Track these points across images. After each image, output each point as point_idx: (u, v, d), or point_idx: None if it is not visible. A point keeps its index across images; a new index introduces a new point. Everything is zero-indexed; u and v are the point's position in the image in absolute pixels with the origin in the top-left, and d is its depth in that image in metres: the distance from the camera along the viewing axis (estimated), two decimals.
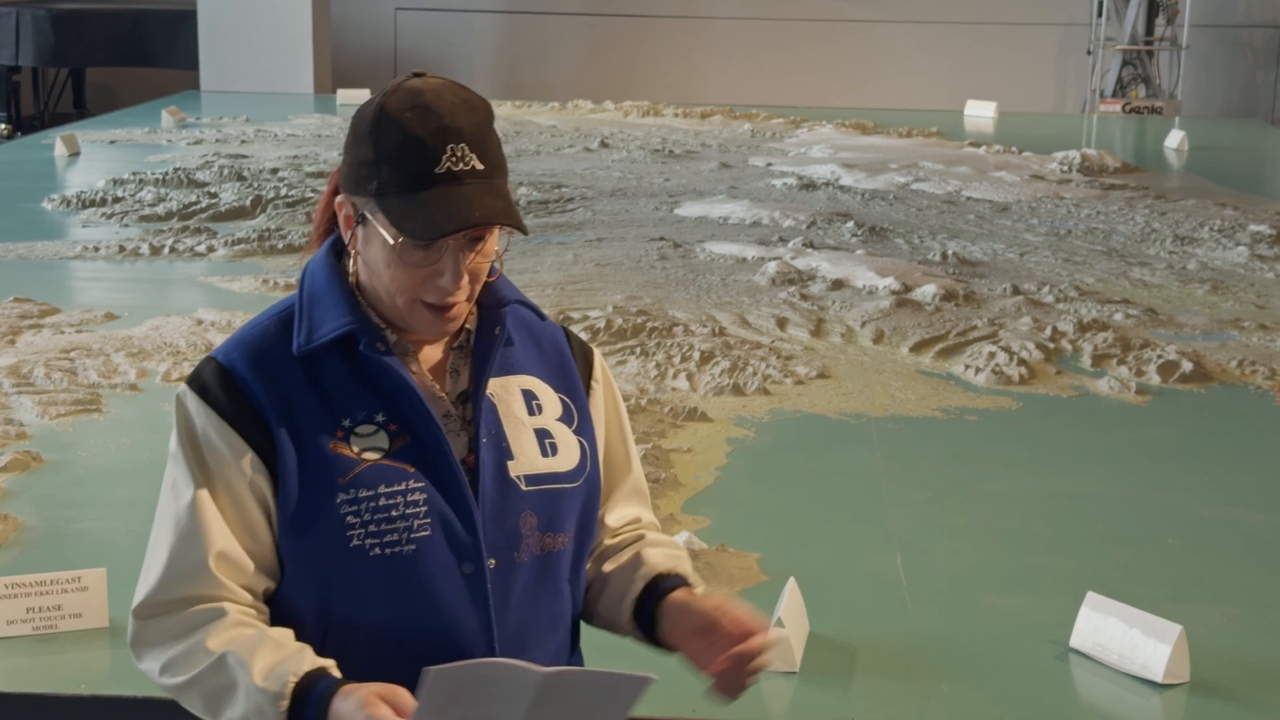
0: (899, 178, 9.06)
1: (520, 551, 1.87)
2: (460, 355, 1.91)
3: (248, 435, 1.80)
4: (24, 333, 5.21)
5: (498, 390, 1.90)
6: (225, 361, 1.84)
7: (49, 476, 3.91)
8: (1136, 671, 2.91)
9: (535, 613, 1.89)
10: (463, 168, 1.78)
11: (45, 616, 2.99)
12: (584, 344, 2.05)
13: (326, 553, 1.79)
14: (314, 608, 1.82)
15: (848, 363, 5.15)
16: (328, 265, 1.90)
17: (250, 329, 1.89)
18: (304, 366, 1.84)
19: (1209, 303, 6.12)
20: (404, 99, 1.80)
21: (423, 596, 1.81)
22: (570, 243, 7.01)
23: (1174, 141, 10.89)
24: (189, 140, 10.13)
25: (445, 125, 1.78)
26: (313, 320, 1.85)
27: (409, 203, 1.77)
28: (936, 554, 3.55)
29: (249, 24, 13.31)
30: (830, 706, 2.80)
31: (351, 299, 1.86)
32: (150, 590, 1.81)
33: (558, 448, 1.92)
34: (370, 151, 1.80)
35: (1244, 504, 3.94)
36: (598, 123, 11.83)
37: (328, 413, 1.82)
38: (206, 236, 6.91)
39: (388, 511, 1.79)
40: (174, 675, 1.78)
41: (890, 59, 15.26)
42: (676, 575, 1.96)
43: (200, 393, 1.83)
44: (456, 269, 1.80)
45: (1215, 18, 14.99)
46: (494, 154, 1.81)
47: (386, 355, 1.83)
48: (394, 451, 1.82)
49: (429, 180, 1.77)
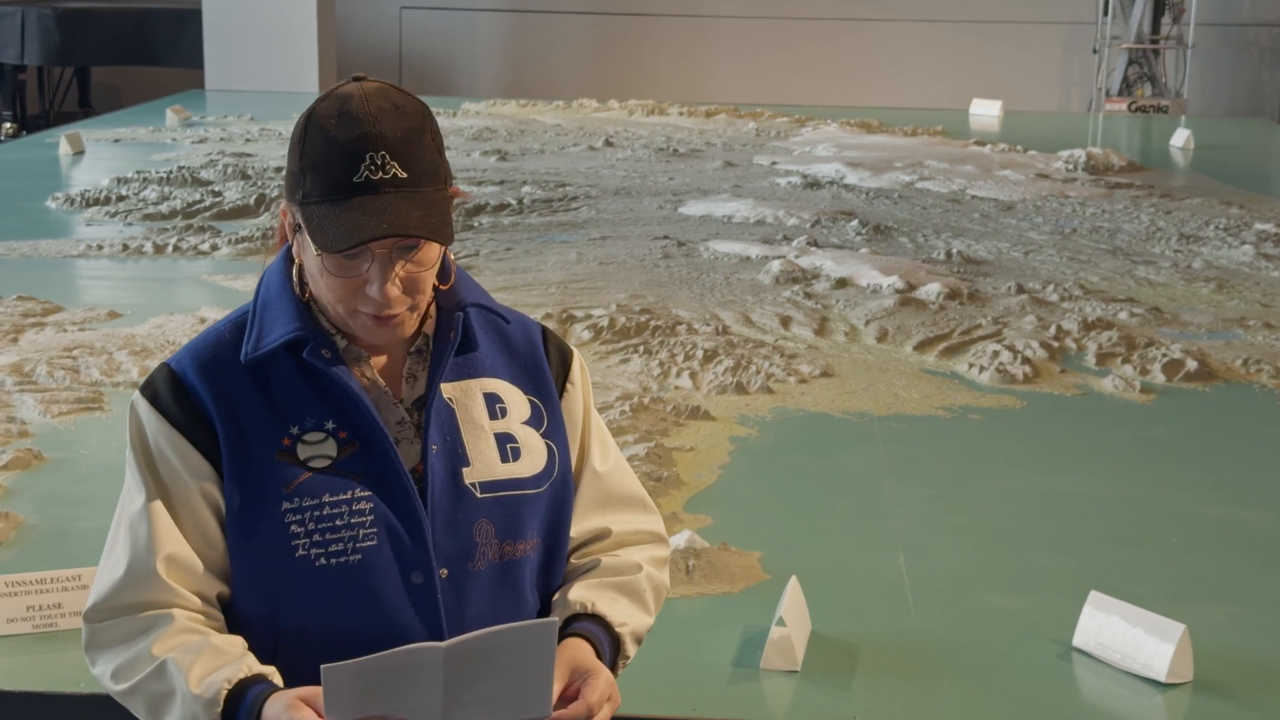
0: (904, 176, 9.05)
1: (475, 560, 1.84)
2: (418, 360, 1.89)
3: (198, 442, 1.80)
4: (27, 331, 5.21)
5: (457, 395, 1.88)
6: (177, 368, 1.84)
7: (50, 475, 3.91)
8: (1139, 671, 2.90)
9: (494, 620, 1.83)
10: (381, 176, 1.75)
11: (45, 614, 2.98)
12: (562, 344, 2.01)
13: (272, 562, 1.79)
14: (264, 616, 1.82)
15: (851, 361, 5.14)
16: (282, 271, 1.89)
17: (206, 335, 1.89)
18: (253, 373, 1.83)
19: (1214, 301, 6.11)
20: (332, 106, 1.78)
21: (370, 607, 1.80)
22: (574, 241, 7.00)
23: (1179, 140, 10.87)
24: (193, 139, 10.14)
25: (366, 133, 1.75)
26: (263, 326, 1.84)
27: (327, 212, 1.76)
28: (939, 553, 3.54)
29: (254, 23, 13.31)
30: (832, 705, 2.79)
31: (301, 305, 1.84)
32: (101, 595, 1.82)
33: (520, 452, 1.89)
34: (298, 159, 1.79)
35: (1248, 503, 3.93)
36: (602, 121, 11.82)
37: (275, 420, 1.81)
38: (210, 235, 6.91)
39: (332, 521, 1.78)
40: (119, 681, 1.79)
41: (895, 58, 15.25)
42: (585, 619, 1.89)
43: (152, 400, 1.83)
44: (383, 279, 1.77)
45: (1221, 16, 14.97)
46: (422, 161, 1.78)
47: (333, 363, 1.81)
48: (342, 460, 1.80)
49: (347, 189, 1.75)
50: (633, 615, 1.93)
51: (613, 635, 1.90)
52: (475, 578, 1.84)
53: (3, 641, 2.95)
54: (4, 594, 2.97)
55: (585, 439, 2.00)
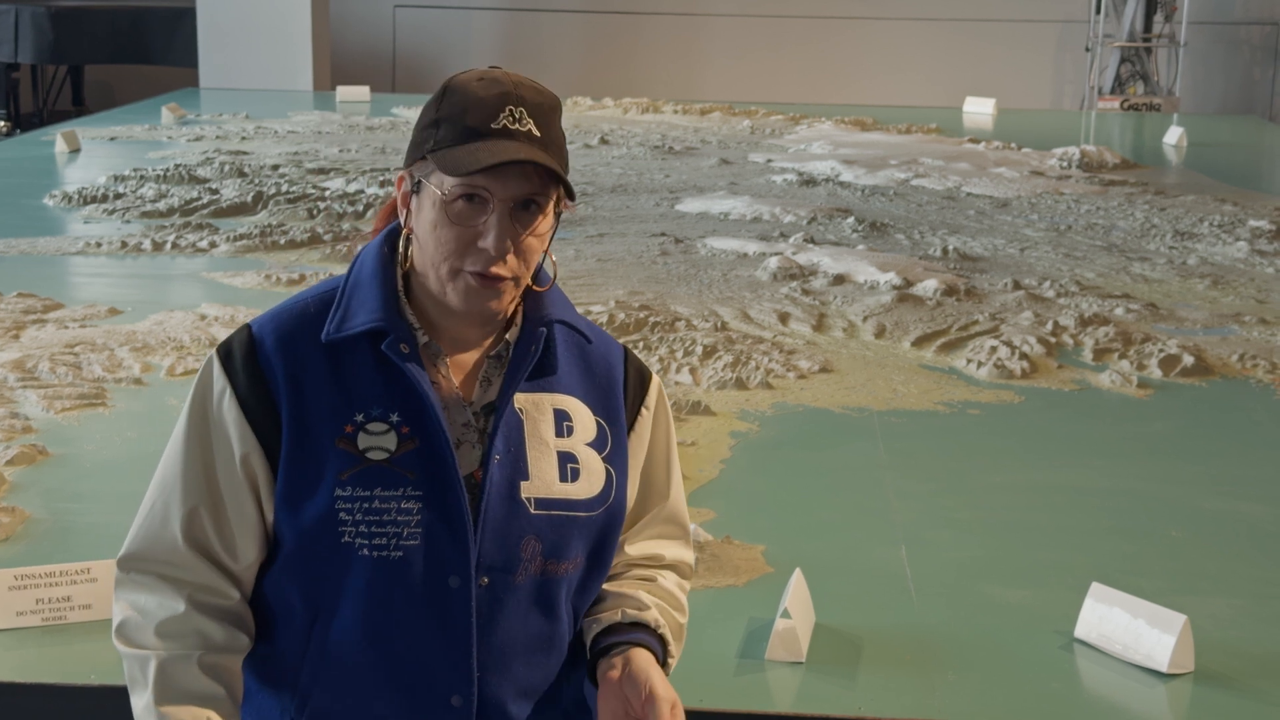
0: (899, 174, 9.07)
1: (517, 574, 1.83)
2: (495, 365, 1.87)
3: (255, 417, 1.81)
4: (28, 327, 5.21)
5: (528, 406, 1.86)
6: (258, 334, 1.84)
7: (55, 470, 3.92)
8: (1141, 661, 2.92)
9: (525, 634, 1.86)
10: (518, 127, 1.76)
11: (55, 607, 3.00)
12: (642, 367, 1.99)
13: (319, 542, 1.80)
14: (303, 596, 1.83)
15: (850, 357, 5.16)
16: (379, 254, 1.88)
17: (292, 304, 1.88)
18: (330, 353, 1.82)
19: (1209, 298, 6.14)
20: (474, 74, 1.82)
21: (404, 603, 1.80)
22: (572, 238, 7.01)
23: (1173, 138, 10.90)
24: (189, 137, 10.14)
25: (507, 91, 1.78)
26: (349, 309, 1.84)
27: (460, 150, 1.76)
28: (941, 546, 3.56)
29: (248, 21, 13.31)
30: (837, 697, 2.81)
31: (391, 292, 1.84)
32: (130, 547, 1.86)
33: (579, 473, 1.86)
34: (432, 115, 1.81)
35: (1246, 496, 3.96)
36: (597, 119, 11.84)
37: (343, 404, 1.81)
38: (208, 232, 6.91)
39: (380, 515, 1.78)
40: (120, 636, 1.84)
41: (889, 56, 15.27)
42: (657, 634, 1.90)
43: (224, 360, 1.84)
44: (500, 231, 1.77)
45: (1213, 14, 15.01)
46: (554, 133, 1.80)
47: (408, 359, 1.81)
48: (399, 455, 1.80)
49: (483, 133, 1.76)
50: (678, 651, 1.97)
51: (666, 648, 1.92)
52: (514, 590, 1.83)
53: (12, 634, 2.96)
54: (13, 587, 2.98)
55: (668, 459, 1.99)
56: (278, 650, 1.86)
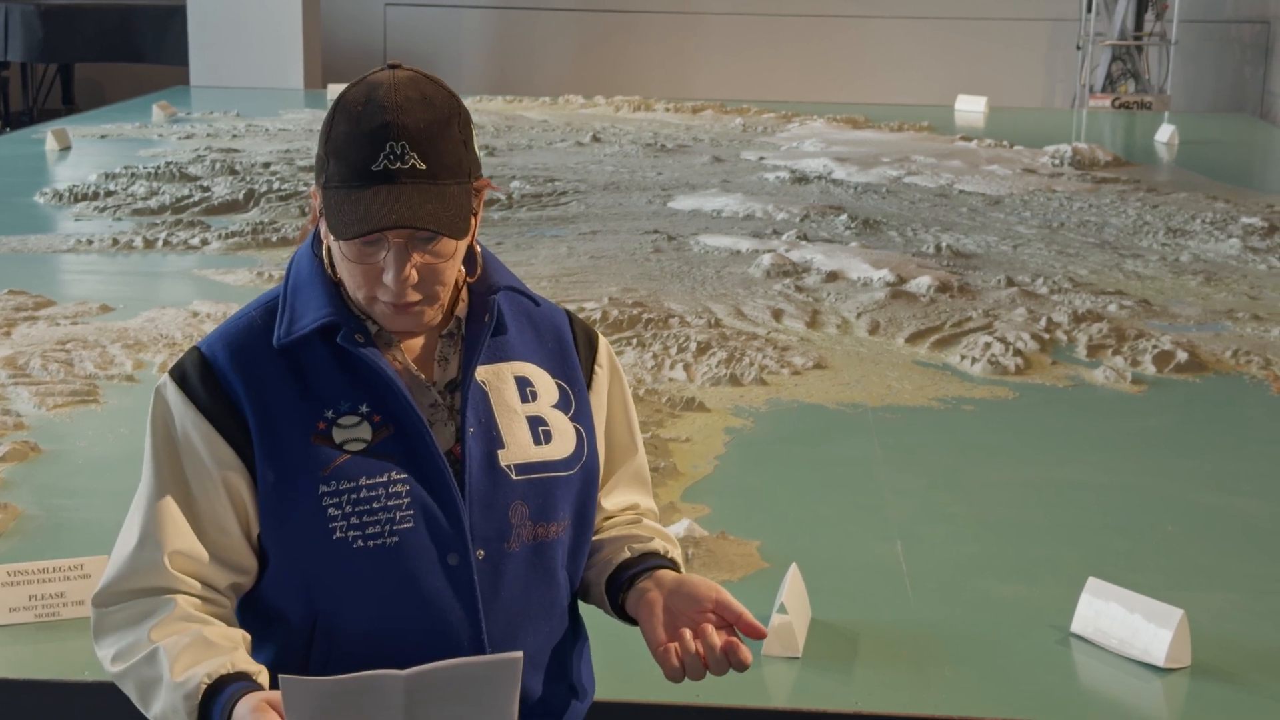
0: (891, 171, 9.08)
1: (510, 542, 1.85)
2: (449, 343, 1.89)
3: (224, 429, 1.80)
4: (19, 325, 5.20)
5: (489, 378, 1.88)
6: (208, 353, 1.84)
7: (47, 466, 3.91)
8: (1138, 656, 2.92)
9: (526, 602, 1.87)
10: (399, 167, 1.74)
11: (48, 604, 2.99)
12: (588, 328, 2.03)
13: (310, 546, 1.79)
14: (299, 602, 1.82)
15: (844, 353, 5.16)
16: (311, 255, 1.88)
17: (236, 319, 1.88)
18: (286, 358, 1.82)
19: (1202, 294, 6.14)
20: (360, 93, 1.77)
21: (407, 589, 1.80)
22: (564, 236, 7.00)
23: (1164, 136, 10.92)
24: (180, 135, 10.12)
25: (388, 123, 1.74)
26: (294, 311, 1.84)
27: (344, 198, 1.75)
28: (936, 542, 3.56)
29: (239, 19, 13.29)
30: (833, 692, 2.81)
31: (333, 289, 1.84)
32: (109, 580, 1.82)
33: (552, 435, 1.90)
34: (324, 144, 1.79)
35: (1241, 491, 3.96)
36: (589, 117, 11.83)
37: (309, 404, 1.81)
38: (200, 230, 6.90)
39: (369, 504, 1.78)
40: (117, 664, 1.78)
41: (881, 54, 15.28)
42: (669, 559, 1.97)
43: (180, 383, 1.83)
44: (397, 268, 1.76)
45: (1204, 13, 15.03)
46: (444, 154, 1.76)
47: (365, 346, 1.81)
48: (377, 443, 1.80)
49: (365, 177, 1.74)
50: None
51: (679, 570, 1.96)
52: (510, 559, 1.85)
53: (5, 630, 2.95)
54: (6, 583, 2.97)
55: (626, 415, 2.04)
56: (279, 662, 1.83)
